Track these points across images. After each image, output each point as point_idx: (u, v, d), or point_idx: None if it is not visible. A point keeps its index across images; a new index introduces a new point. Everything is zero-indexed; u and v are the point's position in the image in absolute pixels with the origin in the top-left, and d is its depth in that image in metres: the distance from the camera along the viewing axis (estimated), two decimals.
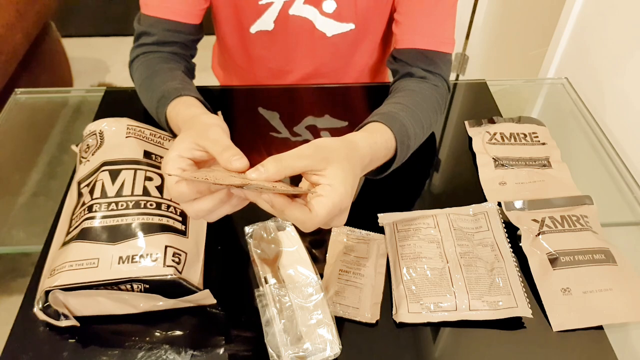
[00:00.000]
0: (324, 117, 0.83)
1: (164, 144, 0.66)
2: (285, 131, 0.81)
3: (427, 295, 0.57)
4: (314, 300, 0.55)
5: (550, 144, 0.77)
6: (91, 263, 0.52)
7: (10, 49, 1.33)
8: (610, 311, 0.57)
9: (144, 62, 0.74)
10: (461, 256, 0.60)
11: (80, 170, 0.63)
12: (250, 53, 0.87)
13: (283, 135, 0.81)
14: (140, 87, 0.74)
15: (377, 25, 0.83)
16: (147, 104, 0.72)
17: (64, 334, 0.54)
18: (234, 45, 0.88)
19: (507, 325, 0.56)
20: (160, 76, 0.71)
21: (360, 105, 0.89)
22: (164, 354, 0.53)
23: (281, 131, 0.81)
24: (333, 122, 0.83)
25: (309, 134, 0.80)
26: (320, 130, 0.81)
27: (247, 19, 0.82)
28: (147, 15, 0.75)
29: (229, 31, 0.86)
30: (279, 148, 0.73)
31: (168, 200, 0.59)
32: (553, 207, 0.66)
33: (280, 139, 0.80)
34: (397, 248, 0.62)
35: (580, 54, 0.96)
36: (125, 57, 0.78)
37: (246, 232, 0.63)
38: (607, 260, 0.60)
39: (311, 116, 0.83)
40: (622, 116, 0.83)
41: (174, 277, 0.52)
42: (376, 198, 0.70)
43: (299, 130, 0.81)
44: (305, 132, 0.80)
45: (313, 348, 0.52)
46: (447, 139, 0.81)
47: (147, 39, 0.75)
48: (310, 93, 0.89)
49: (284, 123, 0.82)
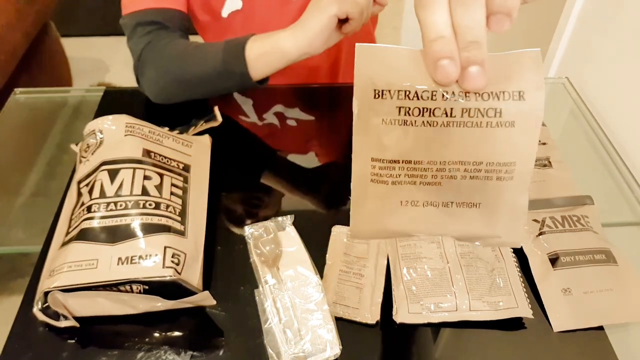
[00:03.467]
0: (294, 109, 0.86)
1: (163, 142, 0.66)
2: (255, 116, 0.84)
3: (427, 296, 0.57)
4: (314, 300, 0.55)
5: (551, 144, 0.76)
6: (90, 264, 0.52)
7: (10, 48, 1.33)
8: (611, 311, 0.57)
9: (170, 42, 0.75)
10: (461, 256, 0.60)
11: (80, 169, 0.63)
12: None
13: (251, 120, 0.83)
14: (183, 54, 0.74)
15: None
16: (201, 59, 0.73)
17: (64, 335, 0.54)
18: (215, 36, 0.89)
19: (508, 326, 0.56)
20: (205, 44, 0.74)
21: (332, 106, 0.90)
22: (164, 354, 0.53)
23: (250, 116, 0.84)
24: (301, 114, 0.85)
25: (275, 119, 0.83)
26: (287, 118, 0.83)
27: (216, 2, 0.83)
28: (136, 11, 0.75)
29: (206, 23, 0.87)
30: (245, 131, 0.81)
31: (167, 199, 0.59)
32: (554, 207, 0.66)
33: (248, 122, 0.83)
34: (397, 248, 0.61)
35: (581, 54, 0.95)
36: (125, 57, 0.78)
37: (246, 232, 0.63)
38: (607, 260, 0.60)
39: (281, 105, 0.86)
40: (623, 116, 0.83)
41: (173, 279, 0.52)
42: None
43: (266, 116, 0.84)
44: (272, 118, 0.84)
45: (313, 348, 0.51)
46: None
47: (148, 27, 0.75)
48: (287, 89, 0.91)
49: (255, 109, 0.85)
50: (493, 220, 0.36)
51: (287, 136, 0.81)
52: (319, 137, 0.82)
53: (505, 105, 0.32)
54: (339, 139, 0.82)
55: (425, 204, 0.36)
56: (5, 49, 1.31)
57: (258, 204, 0.70)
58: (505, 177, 0.34)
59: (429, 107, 0.32)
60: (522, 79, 0.32)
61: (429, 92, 0.32)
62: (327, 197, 0.71)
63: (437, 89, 0.32)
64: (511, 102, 0.32)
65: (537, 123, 0.32)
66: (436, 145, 0.33)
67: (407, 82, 0.32)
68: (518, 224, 0.37)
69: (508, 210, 0.36)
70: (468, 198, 0.36)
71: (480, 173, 0.34)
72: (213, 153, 0.72)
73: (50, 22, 1.63)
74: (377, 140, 0.33)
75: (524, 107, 0.32)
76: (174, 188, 0.61)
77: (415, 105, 0.32)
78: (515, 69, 0.32)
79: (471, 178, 0.35)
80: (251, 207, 0.69)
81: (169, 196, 0.59)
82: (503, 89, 0.32)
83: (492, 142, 0.33)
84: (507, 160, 0.34)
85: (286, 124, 0.82)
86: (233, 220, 0.67)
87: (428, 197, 0.36)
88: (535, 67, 0.32)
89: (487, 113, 0.32)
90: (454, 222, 0.37)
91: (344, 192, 0.71)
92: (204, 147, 0.72)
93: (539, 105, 0.32)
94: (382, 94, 0.32)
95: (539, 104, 0.32)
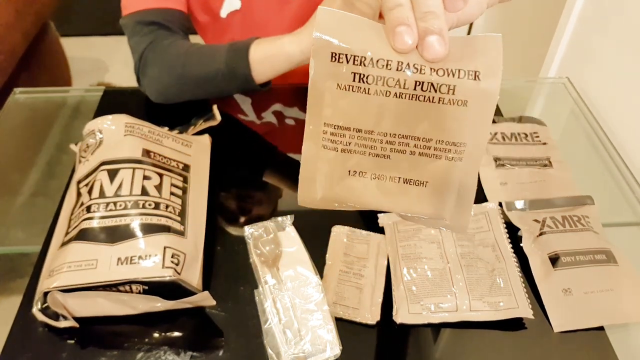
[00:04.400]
0: (293, 108, 0.85)
1: (163, 142, 0.66)
2: (253, 115, 0.84)
3: (427, 296, 0.56)
4: (314, 300, 0.55)
5: (551, 144, 0.76)
6: (90, 264, 0.52)
7: (9, 48, 1.33)
8: (612, 312, 0.57)
9: (173, 42, 0.75)
10: (462, 256, 0.60)
11: (79, 169, 0.63)
12: (230, 40, 0.88)
13: (249, 118, 0.83)
14: (186, 54, 0.74)
15: None
16: (204, 59, 0.73)
17: (63, 335, 0.54)
18: (214, 36, 0.89)
19: (508, 326, 0.56)
20: (208, 45, 0.74)
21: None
22: (163, 354, 0.53)
23: (248, 114, 0.84)
24: (300, 114, 0.85)
25: (274, 118, 0.83)
26: (286, 117, 0.83)
27: (215, 3, 0.82)
28: (136, 11, 0.75)
29: (205, 24, 0.86)
30: (245, 130, 0.81)
31: (167, 199, 0.59)
32: (554, 207, 0.66)
33: (246, 121, 0.83)
34: (397, 248, 0.61)
35: (582, 54, 0.95)
36: (125, 57, 0.78)
37: (246, 232, 0.63)
38: (608, 260, 0.60)
39: (280, 104, 0.86)
40: (623, 116, 0.83)
41: (172, 279, 0.52)
42: None
43: (265, 115, 0.84)
44: (271, 116, 0.84)
45: (313, 349, 0.51)
46: None
47: (150, 27, 0.75)
48: (286, 88, 0.91)
49: (253, 108, 0.85)
50: (439, 201, 0.36)
51: (285, 135, 0.81)
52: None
53: (459, 82, 0.32)
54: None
55: (373, 176, 0.36)
56: (4, 48, 1.31)
57: (258, 204, 0.70)
58: (455, 158, 0.34)
59: (383, 75, 0.32)
60: (479, 60, 0.32)
61: (384, 60, 0.32)
62: None
63: (393, 59, 0.32)
64: (466, 80, 0.32)
65: (491, 106, 0.32)
66: (388, 117, 0.33)
67: (365, 49, 0.32)
68: (465, 209, 0.36)
69: (455, 192, 0.36)
70: (416, 175, 0.35)
71: (430, 150, 0.34)
72: (212, 153, 0.71)
73: (50, 22, 1.63)
74: (330, 104, 0.33)
75: (478, 87, 0.32)
76: (173, 188, 0.61)
77: (369, 72, 0.32)
78: (474, 50, 0.32)
79: (420, 155, 0.34)
80: (251, 207, 0.69)
81: (168, 196, 0.59)
82: (459, 67, 0.32)
83: (442, 119, 0.33)
84: (458, 140, 0.33)
85: (285, 123, 0.82)
86: (233, 220, 0.67)
87: (376, 169, 0.36)
88: (495, 50, 0.32)
89: (440, 89, 0.32)
90: (401, 199, 0.36)
91: None
92: (204, 146, 0.72)
93: (494, 88, 0.32)
94: (338, 57, 0.32)
95: (495, 86, 0.32)
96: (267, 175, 0.74)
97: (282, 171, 0.75)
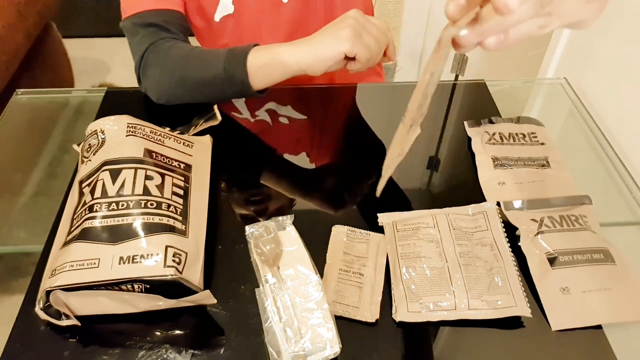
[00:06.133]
0: (286, 107, 0.86)
1: (164, 142, 0.67)
2: (247, 113, 0.85)
3: (426, 295, 0.57)
4: (314, 299, 0.55)
5: (549, 144, 0.77)
6: (92, 263, 0.53)
7: (12, 49, 1.33)
8: (609, 311, 0.57)
9: (174, 44, 0.76)
10: (460, 256, 0.60)
11: (81, 169, 0.64)
12: (224, 44, 0.88)
13: (244, 116, 0.84)
14: (186, 57, 0.74)
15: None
16: (203, 64, 0.74)
17: (65, 334, 0.54)
18: (209, 40, 0.90)
19: (506, 325, 0.56)
20: (208, 49, 0.75)
21: (324, 106, 0.91)
22: (165, 353, 0.53)
23: (242, 112, 0.85)
24: (293, 113, 0.85)
25: (267, 116, 0.84)
26: (279, 116, 0.84)
27: (209, 7, 0.83)
28: (136, 13, 0.76)
29: (201, 28, 0.87)
30: (245, 130, 0.82)
31: (169, 199, 0.59)
32: (552, 206, 0.66)
33: (240, 118, 0.84)
34: (396, 247, 0.62)
35: (579, 54, 0.96)
36: (127, 58, 0.79)
37: (246, 232, 0.63)
38: (605, 259, 0.60)
39: (274, 102, 0.86)
40: (620, 116, 0.84)
41: (174, 278, 0.52)
42: (376, 198, 0.70)
43: (259, 113, 0.85)
44: (264, 115, 0.84)
45: (313, 347, 0.52)
46: (447, 139, 0.81)
47: (150, 28, 0.76)
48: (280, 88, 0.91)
49: (247, 106, 0.86)
50: None
51: (278, 134, 0.82)
52: (310, 136, 0.82)
53: None
54: (335, 138, 0.82)
55: None
56: (7, 49, 1.31)
57: (258, 203, 0.70)
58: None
59: None
60: None
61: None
62: (327, 197, 0.71)
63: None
64: None
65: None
66: None
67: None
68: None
69: None
70: None
71: None
72: (213, 153, 0.72)
73: (52, 22, 1.63)
74: None
75: None
76: (175, 188, 0.61)
77: None
78: None
79: None
80: (251, 207, 0.70)
81: (170, 196, 0.60)
82: None
83: None
84: None
85: (278, 122, 0.83)
86: (233, 219, 0.67)
87: None
88: None
89: None
90: None
91: (343, 192, 0.72)
92: (205, 147, 0.72)
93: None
94: None
95: None
96: (267, 175, 0.75)
97: (282, 171, 0.76)
